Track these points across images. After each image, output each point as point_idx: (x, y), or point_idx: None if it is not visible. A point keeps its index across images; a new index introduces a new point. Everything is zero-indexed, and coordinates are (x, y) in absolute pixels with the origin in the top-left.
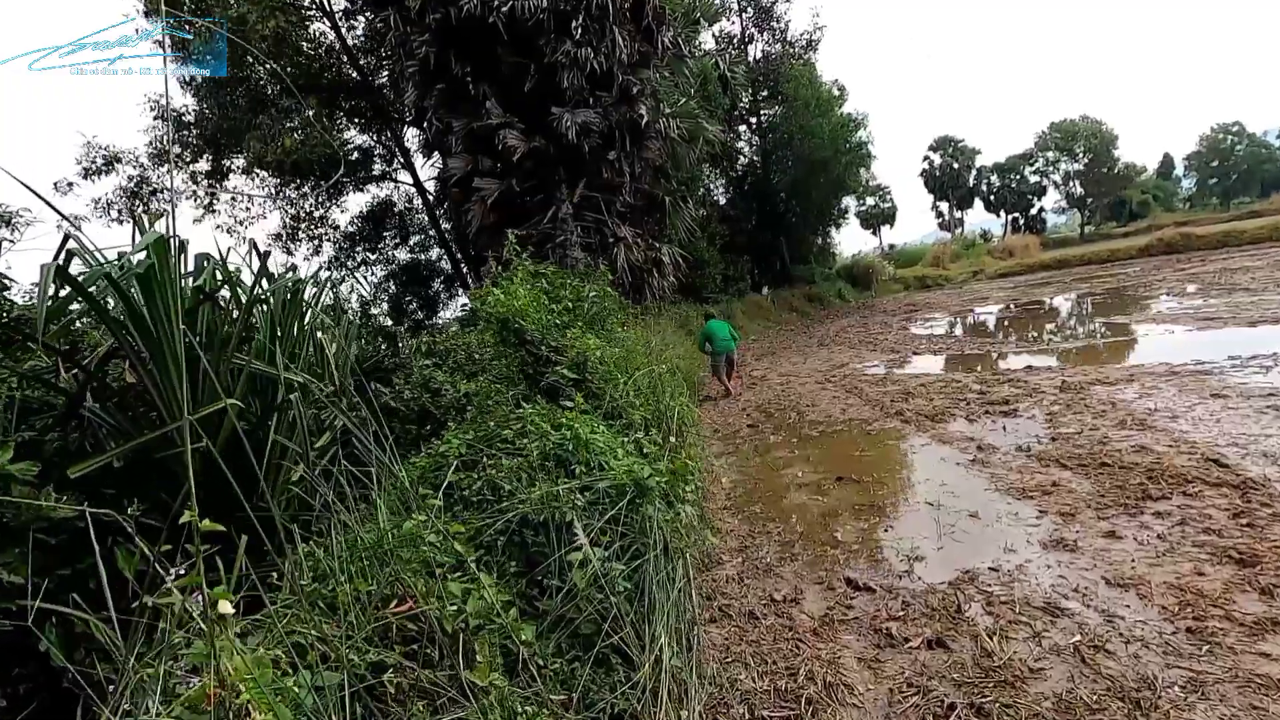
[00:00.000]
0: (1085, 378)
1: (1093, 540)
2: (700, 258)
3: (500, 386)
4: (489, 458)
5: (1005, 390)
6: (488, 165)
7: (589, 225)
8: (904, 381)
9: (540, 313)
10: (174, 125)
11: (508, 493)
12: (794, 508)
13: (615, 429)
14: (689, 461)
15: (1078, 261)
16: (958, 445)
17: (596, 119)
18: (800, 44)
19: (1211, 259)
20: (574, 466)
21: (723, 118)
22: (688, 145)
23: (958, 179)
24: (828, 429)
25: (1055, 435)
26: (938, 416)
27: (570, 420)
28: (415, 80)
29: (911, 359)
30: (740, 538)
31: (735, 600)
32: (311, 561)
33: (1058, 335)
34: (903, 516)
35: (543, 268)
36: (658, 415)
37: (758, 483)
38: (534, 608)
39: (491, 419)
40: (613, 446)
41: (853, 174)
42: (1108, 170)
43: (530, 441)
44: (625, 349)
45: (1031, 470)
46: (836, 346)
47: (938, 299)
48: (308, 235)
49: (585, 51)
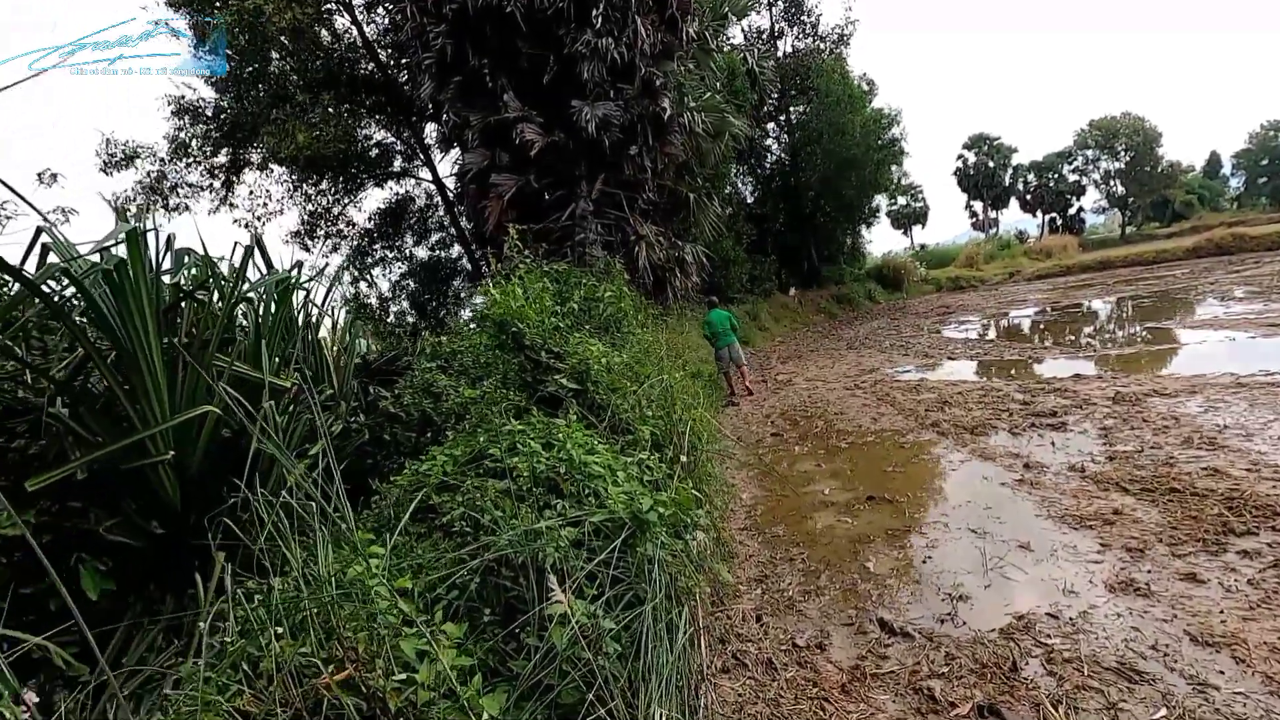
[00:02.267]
0: (1140, 388)
1: (1169, 584)
2: (726, 257)
3: (507, 393)
4: (475, 479)
5: (1051, 400)
6: (505, 160)
7: (609, 223)
8: (939, 389)
9: (542, 315)
10: (191, 118)
11: (489, 524)
12: (820, 531)
13: (619, 446)
14: (698, 489)
15: (1121, 263)
16: (1001, 462)
17: (617, 112)
18: (832, 39)
19: (1266, 260)
20: (566, 494)
21: (750, 113)
22: (713, 141)
23: (993, 178)
24: (858, 440)
25: (1112, 454)
26: (978, 429)
27: (566, 438)
28: (432, 73)
29: (946, 364)
30: (760, 565)
31: (752, 644)
32: (258, 604)
33: (1105, 341)
34: (942, 545)
35: (557, 265)
36: (669, 429)
37: (781, 500)
38: (509, 668)
39: (483, 433)
40: (614, 469)
41: (884, 172)
42: (1150, 169)
43: (520, 461)
44: (636, 354)
45: (1088, 494)
46: (866, 350)
47: (972, 300)
48: (326, 232)
49: (606, 42)
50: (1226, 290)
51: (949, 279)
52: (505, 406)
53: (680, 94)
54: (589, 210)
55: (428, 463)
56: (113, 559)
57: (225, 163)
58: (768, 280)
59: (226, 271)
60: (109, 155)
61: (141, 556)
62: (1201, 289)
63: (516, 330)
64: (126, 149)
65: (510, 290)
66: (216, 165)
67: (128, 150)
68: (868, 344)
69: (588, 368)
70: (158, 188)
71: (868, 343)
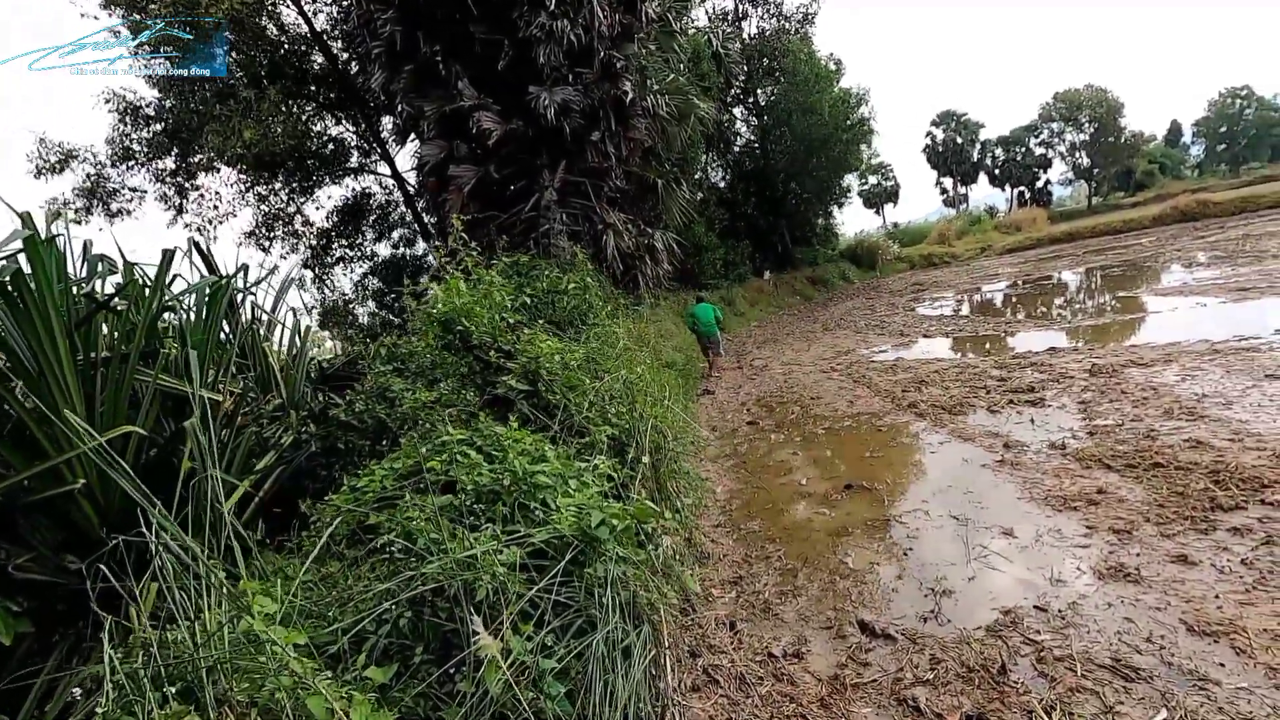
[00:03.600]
0: (1117, 359)
1: (1160, 567)
2: (698, 243)
3: (465, 394)
4: (415, 496)
5: (1029, 375)
6: (464, 151)
7: (575, 212)
8: (915, 368)
9: (492, 311)
10: (133, 119)
11: (423, 548)
12: (797, 524)
13: (575, 450)
14: (663, 491)
15: (1089, 233)
16: (981, 442)
17: (577, 97)
18: (796, 19)
19: (1230, 225)
20: (509, 510)
21: (717, 96)
22: (678, 124)
23: (961, 154)
24: (834, 425)
25: (1092, 429)
26: (955, 408)
27: (512, 445)
28: (382, 62)
29: (921, 342)
30: (735, 565)
31: (725, 655)
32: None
33: (1078, 312)
34: (923, 535)
35: (519, 257)
36: (633, 428)
37: (757, 492)
38: (440, 718)
39: (425, 443)
40: (566, 477)
41: (854, 151)
42: (1114, 140)
43: (462, 473)
44: (599, 348)
45: (1070, 473)
46: (842, 331)
47: (945, 277)
48: (283, 233)
49: (562, 24)
50: (1193, 257)
51: (922, 256)
52: (461, 409)
53: (643, 77)
54: (553, 200)
55: (365, 478)
56: (32, 598)
57: (173, 166)
58: (741, 265)
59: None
60: (42, 159)
61: (78, 594)
62: (1169, 256)
63: (463, 329)
64: (61, 151)
65: (454, 285)
66: (164, 169)
67: (62, 153)
68: (843, 325)
69: (538, 366)
70: (97, 192)
71: (843, 323)
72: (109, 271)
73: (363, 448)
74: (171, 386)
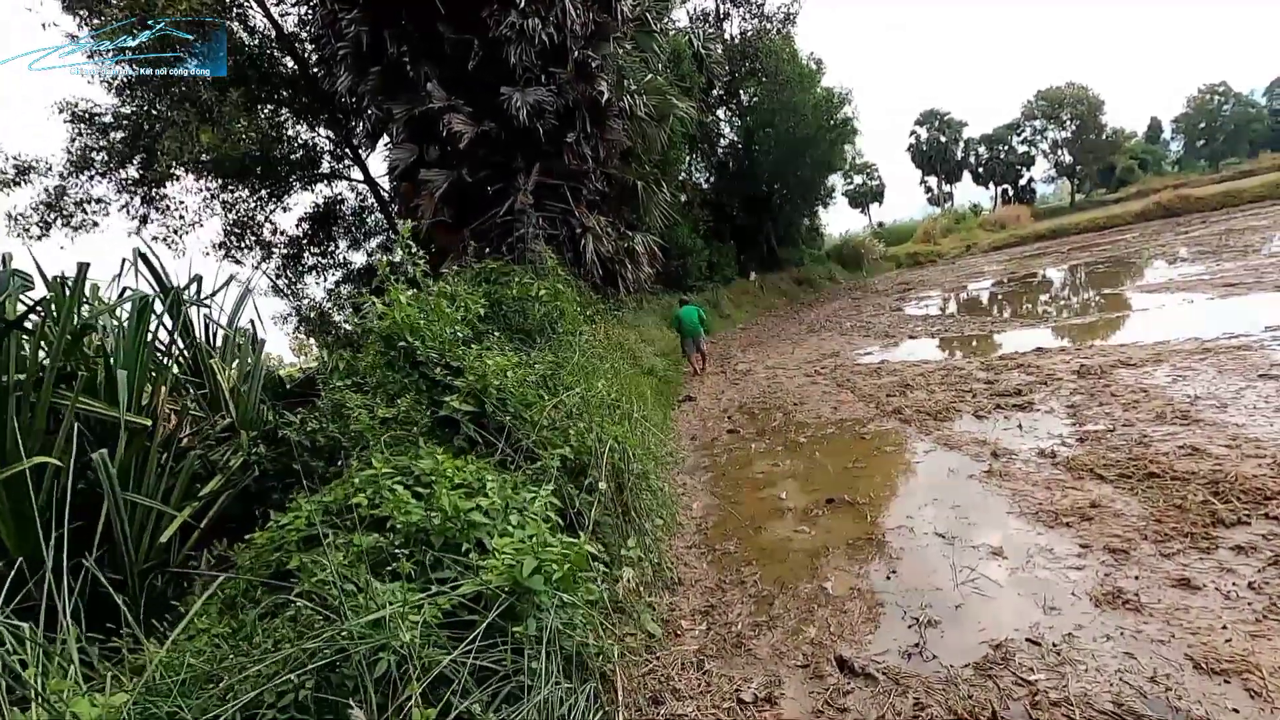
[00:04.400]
0: (1105, 359)
1: (1160, 593)
2: (682, 245)
3: (415, 414)
4: (342, 535)
5: (1015, 378)
6: (435, 155)
7: (553, 215)
8: (900, 371)
9: (442, 324)
10: (87, 126)
11: (336, 602)
12: (775, 544)
13: (524, 478)
14: (627, 516)
15: (1073, 230)
16: (968, 451)
17: (551, 98)
18: (778, 19)
19: (1213, 220)
20: (441, 553)
21: (699, 97)
22: (658, 125)
23: (945, 152)
24: (817, 433)
25: (1082, 435)
26: (941, 414)
27: (441, 480)
28: (348, 64)
29: (907, 343)
30: (707, 592)
31: (692, 701)
32: None
33: (1064, 310)
34: (908, 555)
35: (488, 264)
36: (593, 449)
37: (734, 508)
38: None
39: (366, 470)
40: (508, 510)
41: (838, 151)
42: (1096, 136)
43: (392, 509)
44: (564, 359)
45: (1061, 484)
46: (827, 332)
47: (931, 276)
48: (251, 242)
49: (533, 23)
50: (1178, 252)
51: (908, 255)
52: (408, 431)
53: (620, 77)
54: (529, 203)
55: (290, 514)
56: None
57: (136, 175)
58: (727, 266)
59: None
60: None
61: None
62: (1154, 252)
63: (406, 345)
64: (18, 164)
65: (395, 297)
66: (128, 179)
67: (19, 165)
68: (828, 326)
69: (485, 385)
70: (57, 205)
71: (828, 325)
72: (22, 288)
73: (317, 469)
74: (93, 410)
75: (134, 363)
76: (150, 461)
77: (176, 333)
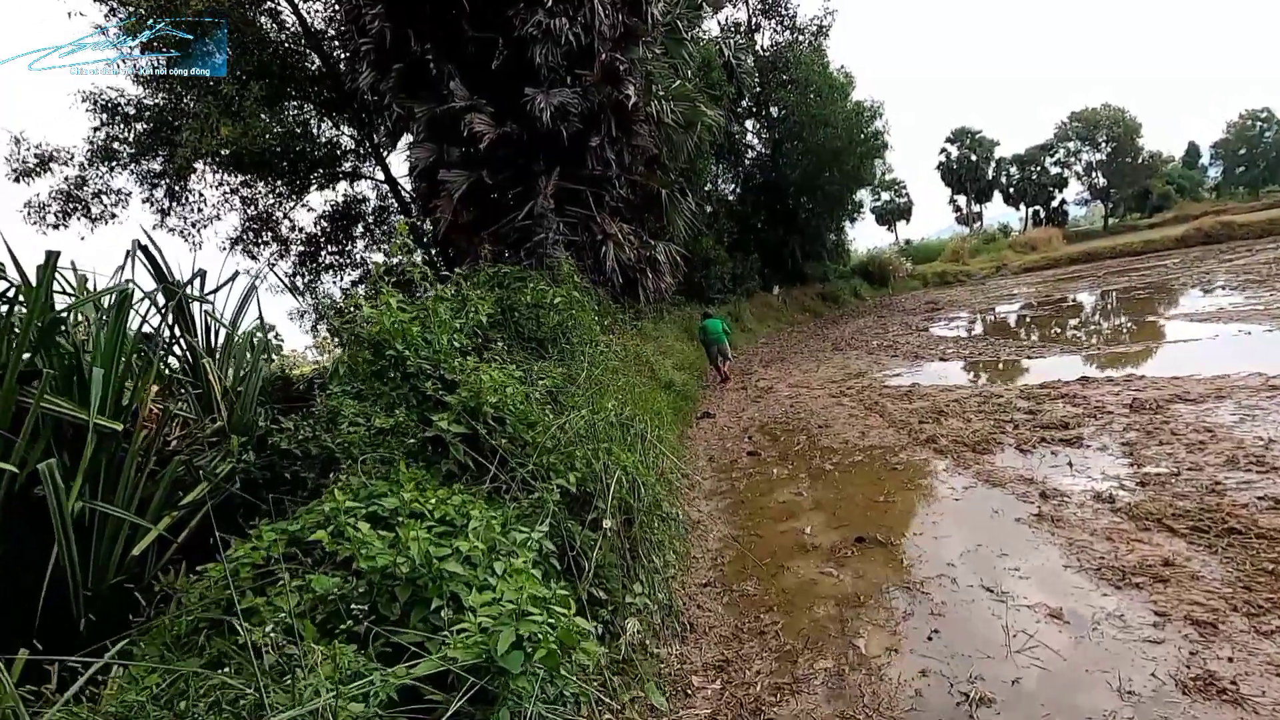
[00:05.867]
0: (1159, 393)
1: (1264, 682)
2: (706, 256)
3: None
4: (302, 577)
5: (1060, 409)
6: (455, 155)
7: (574, 221)
8: (933, 395)
9: (439, 331)
10: (109, 115)
11: (271, 673)
12: (799, 587)
13: (519, 511)
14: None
15: (1108, 254)
16: (1013, 489)
17: (575, 100)
18: (810, 30)
19: (1258, 248)
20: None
21: (728, 107)
22: (685, 132)
23: (976, 171)
24: (844, 460)
25: (1143, 478)
26: (980, 445)
27: (407, 523)
28: (370, 60)
29: (938, 366)
30: (723, 642)
31: None
32: None
33: (1107, 338)
34: (951, 612)
35: (504, 268)
36: (598, 477)
37: (754, 542)
38: None
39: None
40: (494, 555)
41: (868, 166)
42: (1132, 160)
43: (351, 551)
44: (574, 371)
45: (1125, 535)
46: (853, 351)
47: (960, 296)
48: (267, 239)
49: (560, 22)
50: (1225, 280)
51: (935, 274)
52: (409, 447)
53: (648, 82)
54: (549, 208)
55: (249, 544)
56: None
57: (159, 168)
58: (750, 279)
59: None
60: (20, 161)
61: None
62: (1198, 279)
63: (396, 354)
64: (40, 153)
65: (386, 300)
66: (152, 171)
67: (41, 154)
68: (854, 344)
69: (480, 403)
70: (77, 195)
71: (854, 343)
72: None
73: (308, 480)
74: (61, 411)
75: (111, 360)
76: (126, 467)
77: (176, 329)
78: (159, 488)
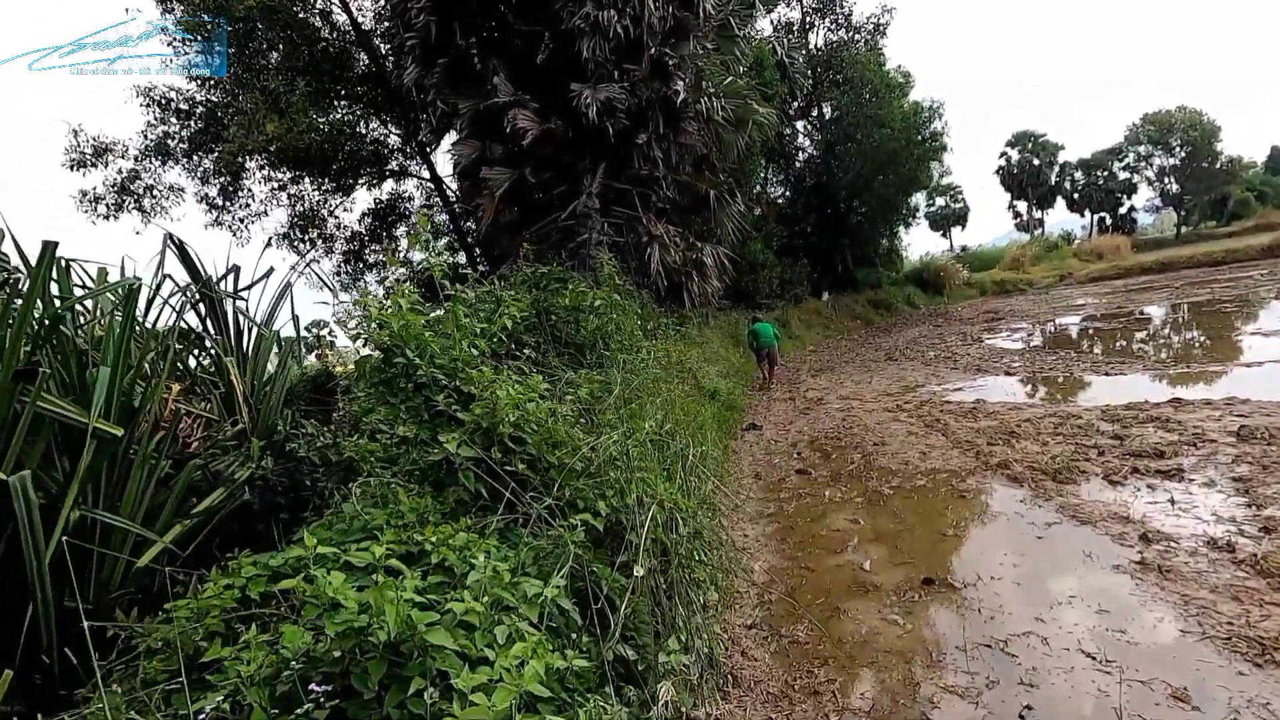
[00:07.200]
0: (1271, 419)
1: None
2: (754, 260)
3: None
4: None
5: (1152, 434)
6: (498, 152)
7: (619, 222)
8: (1001, 414)
9: (458, 337)
10: (161, 110)
11: None
12: (859, 638)
13: (536, 552)
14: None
15: (1185, 263)
16: (1105, 528)
17: (623, 95)
18: (866, 29)
19: None
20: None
21: (779, 106)
22: (735, 131)
23: (1038, 176)
24: (904, 484)
25: (1266, 522)
26: (1061, 474)
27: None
28: (415, 55)
29: (1003, 380)
30: (770, 699)
31: None
32: None
33: (1196, 355)
34: (1047, 683)
35: (541, 267)
36: (632, 510)
37: (805, 575)
38: None
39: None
40: (497, 615)
41: (924, 169)
42: (1209, 165)
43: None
44: (600, 384)
45: (1256, 595)
46: (908, 362)
47: (1021, 305)
48: (314, 236)
49: (609, 15)
50: None
51: (994, 282)
52: (416, 464)
53: (698, 78)
54: (594, 208)
55: (224, 581)
56: None
57: (212, 166)
58: (799, 285)
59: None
60: (78, 151)
61: None
62: None
63: (407, 361)
64: (96, 144)
65: (399, 301)
66: (205, 168)
67: (97, 146)
68: (909, 355)
69: (496, 421)
70: (129, 188)
71: (909, 353)
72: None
73: (326, 490)
74: (58, 413)
75: (117, 359)
76: (135, 473)
77: (207, 326)
78: (172, 494)
